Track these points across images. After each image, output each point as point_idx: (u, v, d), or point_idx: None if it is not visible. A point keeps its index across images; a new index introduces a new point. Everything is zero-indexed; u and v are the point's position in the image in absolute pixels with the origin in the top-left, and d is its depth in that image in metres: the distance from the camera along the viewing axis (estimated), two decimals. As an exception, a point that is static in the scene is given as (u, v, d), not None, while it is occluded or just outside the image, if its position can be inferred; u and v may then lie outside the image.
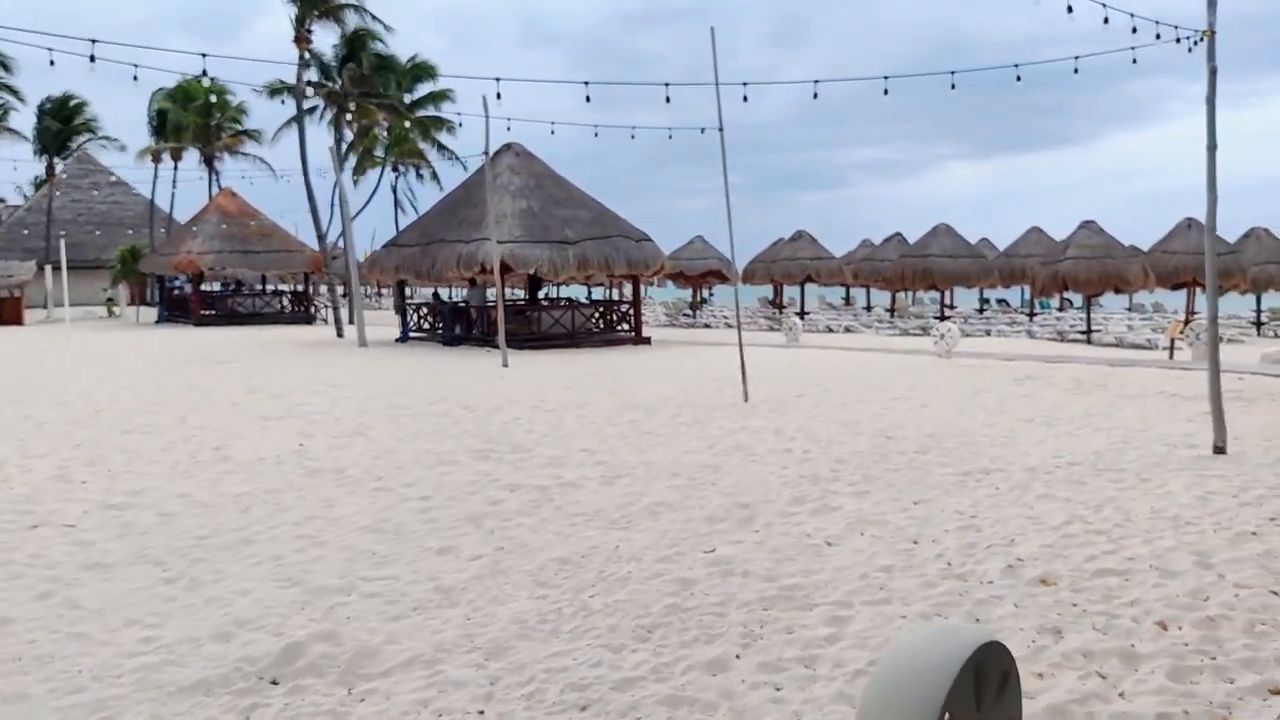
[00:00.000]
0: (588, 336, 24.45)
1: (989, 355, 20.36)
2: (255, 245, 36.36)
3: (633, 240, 23.98)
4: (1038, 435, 10.69)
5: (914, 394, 14.29)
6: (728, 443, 10.51)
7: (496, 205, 23.16)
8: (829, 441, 10.51)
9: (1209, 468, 8.56)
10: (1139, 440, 10.22)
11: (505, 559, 6.24)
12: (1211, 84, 8.89)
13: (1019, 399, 13.62)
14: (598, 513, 7.47)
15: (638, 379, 16.61)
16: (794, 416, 12.30)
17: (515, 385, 15.69)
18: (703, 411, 12.76)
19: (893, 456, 9.57)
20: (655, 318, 39.74)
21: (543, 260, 22.25)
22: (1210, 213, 9.13)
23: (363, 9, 28.59)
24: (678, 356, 21.29)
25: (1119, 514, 6.93)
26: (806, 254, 34.68)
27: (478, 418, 12.40)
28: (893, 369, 17.64)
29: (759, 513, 7.32)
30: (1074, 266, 24.90)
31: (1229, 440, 9.90)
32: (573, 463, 9.49)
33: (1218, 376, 9.39)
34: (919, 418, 12.07)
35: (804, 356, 20.93)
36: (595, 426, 11.66)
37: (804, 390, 14.88)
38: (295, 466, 9.42)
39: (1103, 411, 12.28)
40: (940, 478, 8.51)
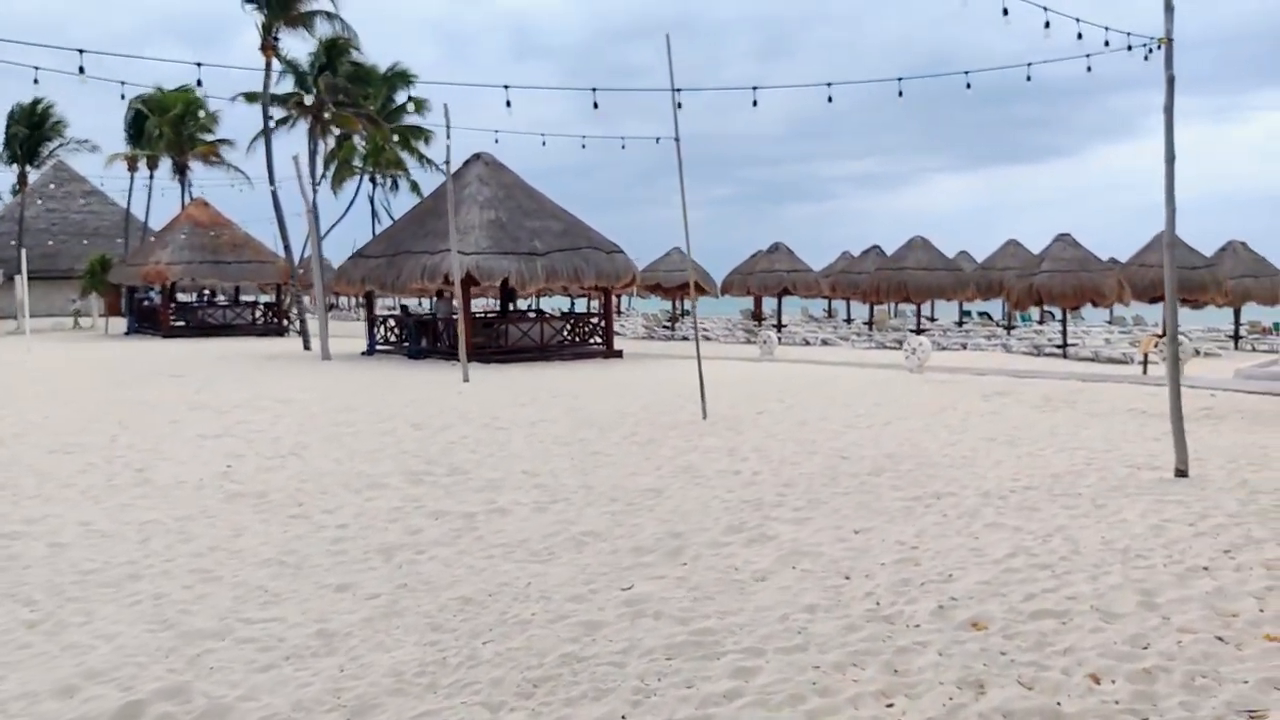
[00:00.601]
0: (558, 350, 24.01)
1: (962, 370, 20.01)
2: (226, 256, 35.83)
3: (604, 252, 23.58)
4: (998, 455, 10.30)
5: (879, 411, 13.90)
6: (677, 464, 10.10)
7: (464, 216, 22.75)
8: (781, 462, 10.11)
9: (1168, 493, 8.18)
10: (1101, 461, 9.84)
11: (405, 598, 5.79)
12: (1169, 93, 8.54)
13: (985, 416, 13.24)
14: (521, 543, 7.03)
15: (600, 394, 16.19)
16: (751, 435, 11.89)
17: (471, 401, 15.25)
18: (658, 430, 12.34)
19: (844, 479, 9.17)
20: (633, 330, 39.36)
21: (510, 272, 21.83)
22: (1169, 224, 8.77)
23: (335, 16, 28.11)
24: (647, 370, 20.88)
25: (1067, 545, 6.52)
26: (784, 266, 34.29)
27: (423, 436, 11.96)
28: (861, 384, 17.26)
29: (690, 543, 6.90)
30: (1049, 280, 24.57)
31: (1193, 462, 9.54)
32: (510, 486, 9.06)
33: (1179, 396, 9.02)
34: (879, 436, 11.68)
35: (775, 371, 20.55)
36: (544, 446, 11.23)
37: (766, 406, 14.47)
38: (215, 491, 8.96)
39: (1068, 430, 11.91)
40: (889, 502, 8.11)
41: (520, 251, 22.21)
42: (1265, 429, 11.77)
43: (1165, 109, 8.59)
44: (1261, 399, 14.51)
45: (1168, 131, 8.60)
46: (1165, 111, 8.59)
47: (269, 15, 26.01)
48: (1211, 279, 26.53)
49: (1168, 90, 8.55)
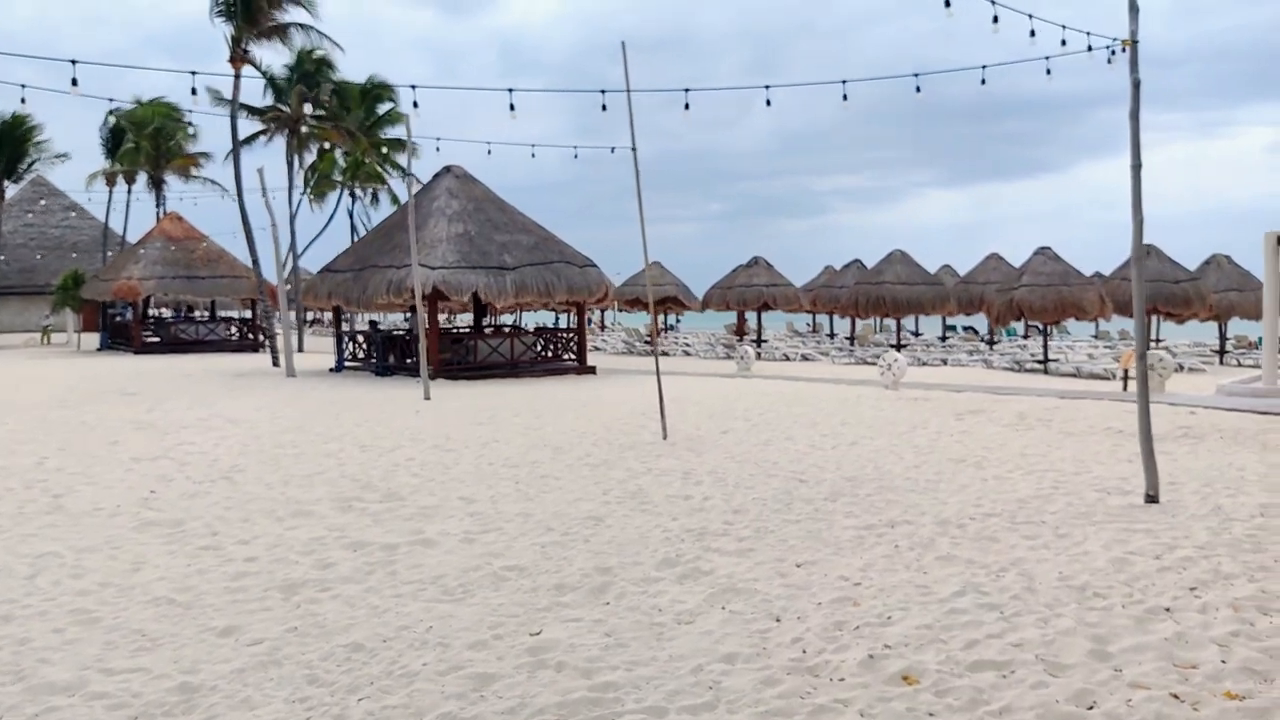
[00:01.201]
0: (530, 366, 23.51)
1: (939, 386, 19.55)
2: (200, 271, 35.29)
3: (576, 266, 23.10)
4: (964, 479, 9.82)
5: (846, 430, 13.42)
6: (627, 488, 9.60)
7: (432, 229, 22.28)
8: (736, 486, 9.63)
9: (1137, 520, 7.70)
10: (1070, 485, 9.37)
11: (290, 644, 5.28)
12: (1135, 97, 8.11)
13: (955, 436, 12.77)
14: (436, 580, 6.52)
15: (563, 413, 15.69)
16: (710, 456, 11.40)
17: (427, 421, 14.74)
18: (615, 451, 11.85)
19: (798, 505, 8.68)
20: (613, 345, 38.86)
21: (478, 286, 21.33)
22: (1136, 236, 8.33)
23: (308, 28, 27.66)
24: (617, 387, 20.38)
25: (1021, 581, 6.03)
26: (762, 280, 33.78)
27: (368, 459, 11.44)
28: (834, 401, 16.78)
29: (618, 579, 6.40)
30: (1029, 294, 24.13)
31: (1166, 486, 9.09)
32: (443, 514, 8.56)
33: (1147, 417, 8.56)
34: (843, 458, 11.19)
35: (750, 387, 20.07)
36: (491, 469, 10.73)
37: (732, 425, 13.99)
38: (130, 519, 8.43)
39: (1039, 451, 11.44)
40: (840, 531, 7.62)
41: (489, 266, 21.72)
42: (1244, 449, 11.31)
43: (1131, 114, 8.16)
44: (1242, 417, 14.07)
45: (1133, 138, 8.16)
46: (1131, 117, 8.16)
47: (238, 27, 25.53)
48: (1195, 293, 26.13)
49: (1133, 94, 8.12)
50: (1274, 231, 16.96)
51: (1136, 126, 8.16)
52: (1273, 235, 16.97)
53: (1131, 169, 8.22)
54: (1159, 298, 26.00)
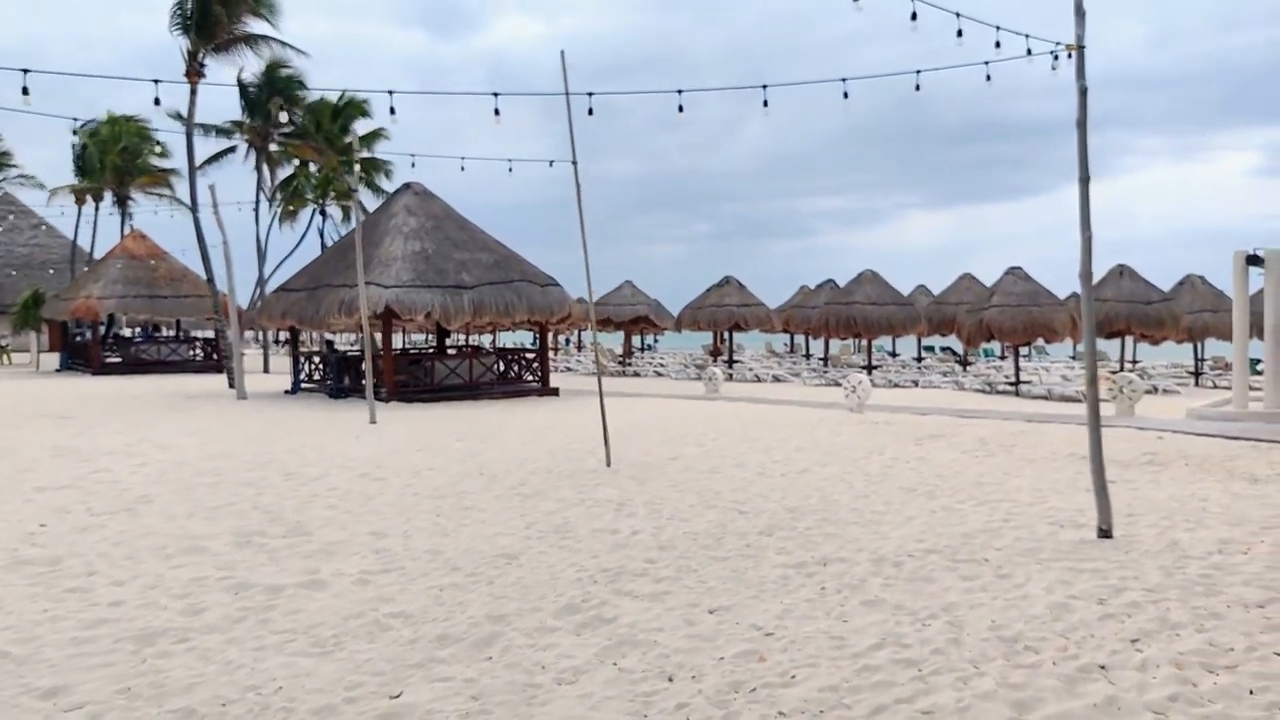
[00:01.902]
0: (490, 387, 22.90)
1: (905, 409, 19.03)
2: (162, 290, 34.56)
3: (538, 285, 22.53)
4: (912, 510, 9.27)
5: (800, 456, 12.86)
6: (553, 521, 9.00)
7: (388, 247, 21.71)
8: (670, 518, 9.05)
9: (1086, 558, 7.15)
10: (1023, 518, 8.83)
11: (114, 710, 4.65)
12: (1082, 105, 7.62)
13: (912, 462, 12.23)
14: (311, 629, 5.91)
15: (511, 437, 15.09)
16: (653, 485, 10.82)
17: (365, 446, 14.11)
18: (552, 480, 11.25)
19: (730, 539, 8.10)
20: (586, 366, 38.26)
21: (433, 306, 20.72)
22: (1085, 251, 7.82)
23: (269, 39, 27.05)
24: (576, 410, 19.77)
25: (948, 632, 5.46)
26: (734, 300, 33.21)
27: (289, 488, 10.81)
28: (794, 425, 16.23)
29: (510, 629, 5.80)
30: (999, 315, 23.66)
31: (1124, 518, 8.57)
32: (347, 551, 7.94)
33: (1099, 446, 8.03)
34: (790, 486, 10.63)
35: (713, 410, 19.50)
36: (414, 500, 10.12)
37: (684, 451, 13.42)
38: (3, 556, 7.77)
39: (996, 479, 10.90)
40: (767, 570, 7.04)
41: (446, 284, 21.12)
42: (1209, 477, 10.80)
43: (1078, 124, 7.66)
44: (1211, 442, 13.58)
45: (1081, 149, 7.66)
46: (1078, 127, 7.66)
47: (195, 40, 24.96)
48: (1168, 313, 25.74)
49: (1080, 103, 7.63)
50: (1243, 251, 16.55)
51: (1084, 137, 7.67)
52: (1242, 254, 16.56)
53: (1079, 182, 7.72)
54: (1132, 318, 25.61)
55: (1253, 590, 6.19)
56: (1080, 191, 7.70)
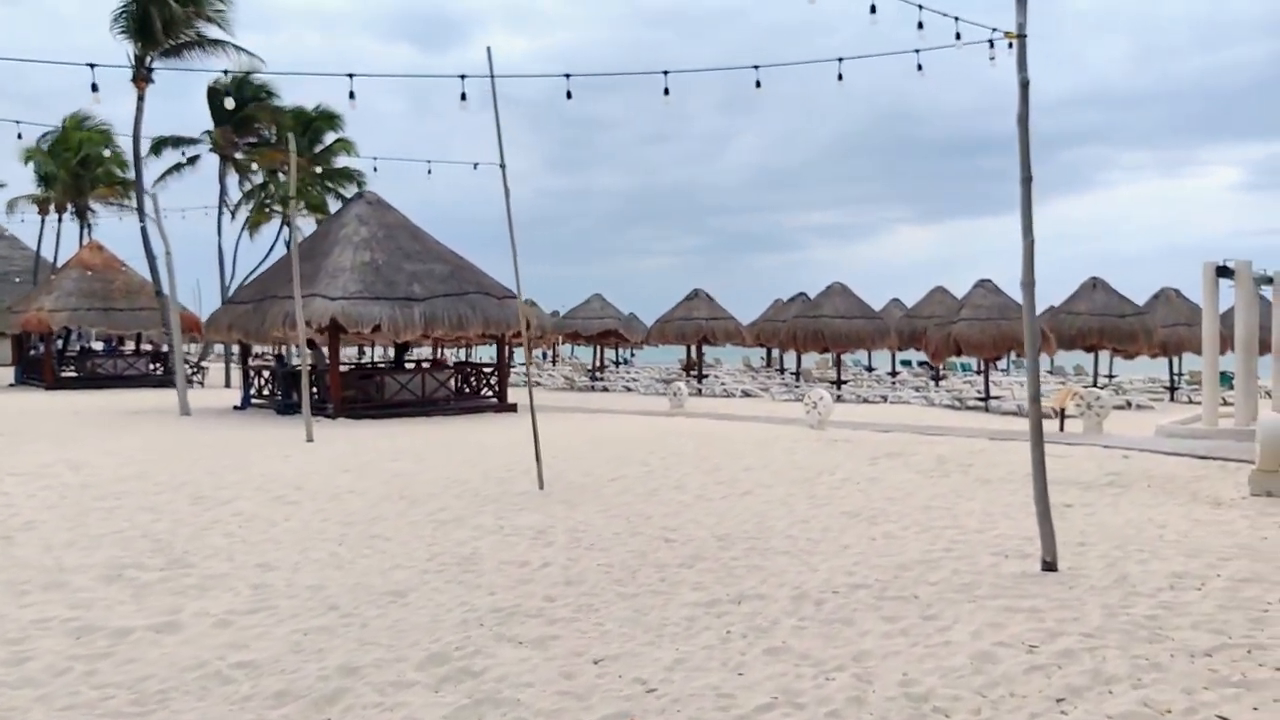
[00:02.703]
0: (446, 403, 22.17)
1: (869, 425, 18.40)
2: (118, 302, 33.65)
3: (494, 297, 21.83)
4: (850, 537, 8.62)
5: (747, 476, 12.21)
6: (461, 551, 8.32)
7: (337, 258, 21.02)
8: (589, 548, 8.38)
9: (1025, 595, 6.50)
10: (966, 546, 8.18)
11: None
12: (1023, 99, 7.00)
13: (862, 484, 11.59)
14: (138, 683, 5.20)
15: (450, 456, 14.40)
16: (582, 509, 10.15)
17: (292, 466, 13.39)
18: (477, 503, 10.57)
19: (646, 572, 7.44)
20: (553, 381, 37.53)
21: (381, 319, 19.99)
22: (1026, 258, 7.19)
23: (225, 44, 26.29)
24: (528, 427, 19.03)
25: (852, 689, 4.80)
26: (702, 314, 32.48)
27: (192, 512, 10.09)
28: (750, 443, 15.56)
29: (360, 683, 5.11)
30: (967, 328, 23.07)
31: (1074, 547, 7.94)
32: (223, 586, 7.23)
33: (1042, 473, 7.38)
34: (728, 510, 9.97)
35: (672, 426, 18.80)
36: (321, 527, 9.41)
37: (627, 471, 12.75)
38: None
39: (946, 503, 10.26)
40: (675, 610, 6.37)
41: (395, 296, 20.41)
42: (1172, 501, 10.18)
43: (1019, 119, 7.05)
44: (1178, 462, 12.98)
45: (1023, 147, 7.05)
46: (1019, 123, 7.05)
47: (142, 45, 24.24)
48: (1142, 327, 25.22)
49: (1020, 97, 7.02)
50: (1213, 262, 16.02)
51: (1026, 134, 7.05)
52: (1211, 266, 16.02)
53: (1021, 183, 7.10)
54: (1104, 332, 25.08)
55: (1201, 635, 5.55)
56: (1022, 194, 7.08)
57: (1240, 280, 15.91)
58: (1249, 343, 16.12)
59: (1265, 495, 10.05)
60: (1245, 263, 15.90)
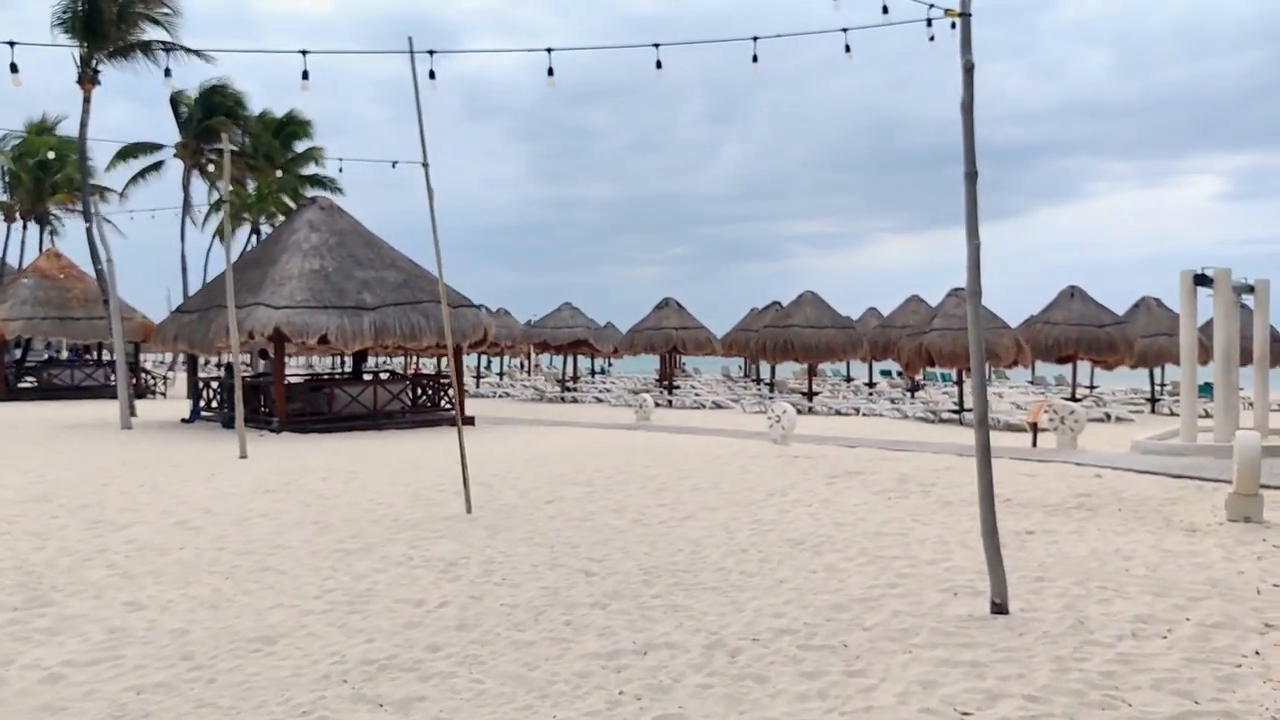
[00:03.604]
0: (401, 416, 21.34)
1: (835, 439, 17.65)
2: (75, 311, 32.65)
3: (450, 306, 20.98)
4: (788, 569, 7.86)
5: (694, 497, 11.43)
6: (355, 588, 7.53)
7: (285, 265, 20.20)
8: (500, 582, 7.63)
9: (969, 643, 5.73)
10: (913, 581, 7.42)
11: None
12: (967, 84, 6.27)
13: (814, 506, 10.82)
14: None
15: (383, 475, 13.59)
16: (506, 537, 9.36)
17: (212, 487, 12.56)
18: (394, 530, 9.77)
19: (552, 614, 6.66)
20: (523, 392, 36.68)
21: (328, 328, 19.15)
22: (972, 263, 6.44)
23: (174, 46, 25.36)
24: (481, 442, 18.23)
25: (742, 775, 4.01)
26: (672, 323, 31.60)
27: (81, 539, 9.27)
28: (706, 459, 14.77)
29: (167, 763, 4.29)
30: (939, 339, 22.31)
31: (1031, 582, 7.20)
32: (74, 630, 6.43)
33: (991, 505, 6.63)
34: (662, 538, 9.19)
35: (631, 441, 17.99)
36: (215, 556, 8.60)
37: (566, 493, 11.95)
38: None
39: (900, 529, 9.50)
40: (569, 664, 5.58)
41: (344, 305, 19.58)
42: (1142, 526, 9.44)
43: (963, 106, 6.31)
44: (1153, 481, 12.26)
45: (967, 137, 6.30)
46: (963, 110, 6.31)
47: (88, 46, 23.36)
48: (1121, 337, 24.55)
49: (965, 82, 6.27)
50: (1190, 270, 15.33)
51: (970, 122, 6.31)
52: (1189, 274, 15.34)
53: (965, 178, 6.36)
54: (1082, 342, 24.38)
55: (1163, 699, 4.80)
56: (966, 191, 6.34)
57: (1219, 288, 15.23)
58: (1228, 353, 15.44)
59: (1243, 521, 9.32)
60: (1224, 270, 15.22)
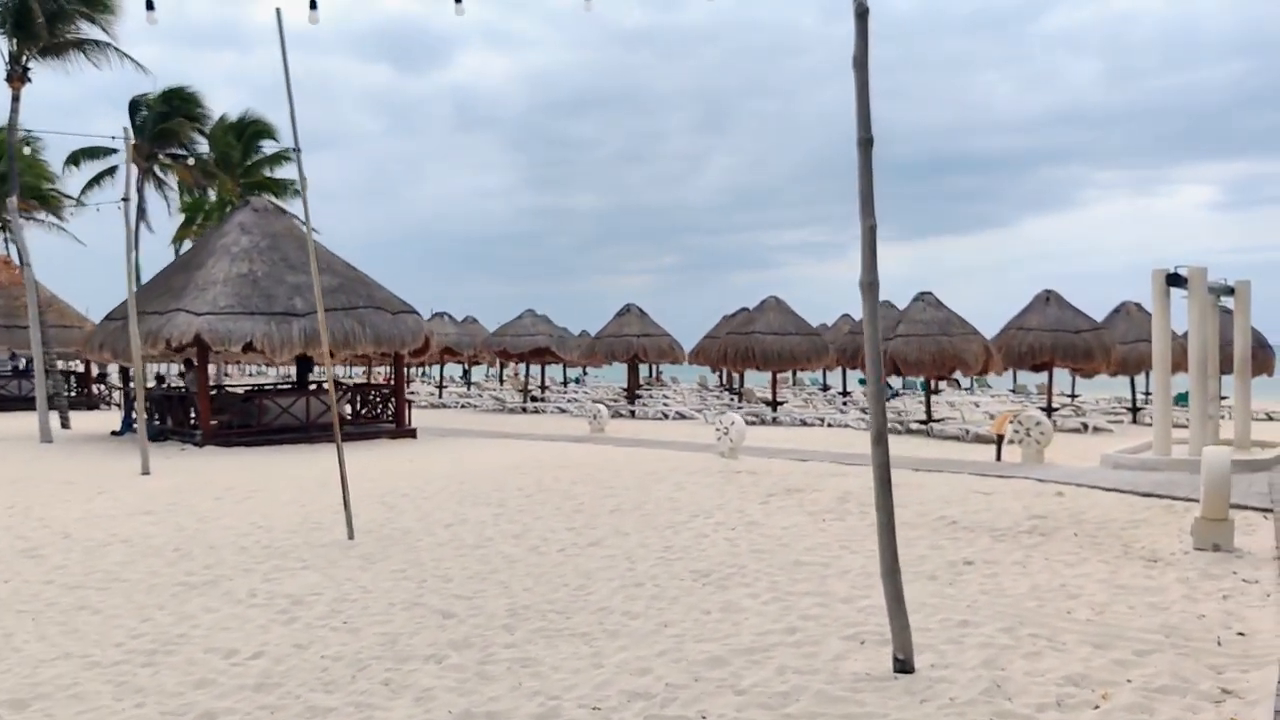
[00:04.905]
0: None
1: (788, 452, 16.55)
2: (20, 319, 31.45)
3: (388, 312, 19.89)
4: (679, 610, 6.77)
5: (607, 521, 10.33)
6: (170, 633, 6.45)
7: (211, 269, 19.07)
8: (340, 627, 6.54)
9: (850, 716, 4.63)
10: (819, 625, 6.34)
11: None
12: (860, 33, 5.19)
13: (738, 530, 9.72)
14: None
15: (281, 494, 12.51)
16: (377, 569, 8.28)
17: (92, 507, 11.46)
18: (256, 559, 8.69)
19: (373, 670, 5.58)
20: (484, 403, 35.47)
21: (254, 335, 18.00)
22: (866, 247, 5.38)
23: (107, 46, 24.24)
24: (410, 457, 17.11)
25: None
26: (633, 330, 30.33)
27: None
28: (640, 474, 13.65)
29: None
30: (903, 345, 21.20)
31: (953, 629, 6.12)
32: None
33: (892, 541, 5.55)
34: (552, 570, 8.10)
35: (572, 455, 16.84)
36: (34, 592, 7.56)
37: (472, 514, 10.87)
38: None
39: (825, 557, 8.40)
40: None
41: (273, 311, 18.44)
42: (1097, 556, 8.34)
43: (855, 62, 5.24)
44: (1119, 500, 11.17)
45: (861, 100, 5.23)
46: (856, 66, 5.24)
47: (18, 42, 22.25)
48: (1098, 344, 23.49)
49: (858, 29, 5.20)
50: (1162, 270, 14.29)
51: (865, 80, 5.24)
52: (1161, 274, 14.29)
53: (859, 145, 5.28)
54: (1057, 349, 23.28)
55: (1076, 805, 3.70)
56: (860, 160, 5.26)
57: (1193, 289, 14.19)
58: (1204, 360, 14.40)
59: (1211, 549, 8.24)
60: (1199, 269, 14.17)
